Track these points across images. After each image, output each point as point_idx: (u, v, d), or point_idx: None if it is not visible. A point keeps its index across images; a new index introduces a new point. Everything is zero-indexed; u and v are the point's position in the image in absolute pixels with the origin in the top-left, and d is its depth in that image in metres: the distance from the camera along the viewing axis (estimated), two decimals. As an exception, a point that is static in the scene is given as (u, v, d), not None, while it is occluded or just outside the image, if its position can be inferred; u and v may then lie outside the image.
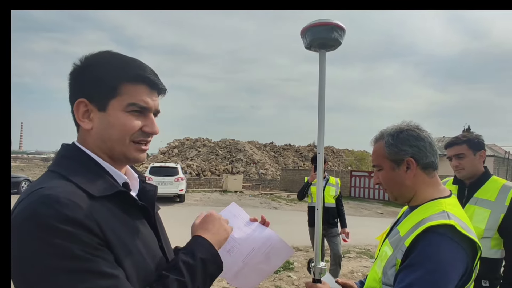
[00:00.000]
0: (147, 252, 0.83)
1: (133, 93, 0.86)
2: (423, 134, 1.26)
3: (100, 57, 0.88)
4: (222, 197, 18.58)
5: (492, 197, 2.25)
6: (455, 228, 1.09)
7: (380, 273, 1.23)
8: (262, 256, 1.13)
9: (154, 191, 0.96)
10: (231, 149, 36.93)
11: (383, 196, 21.15)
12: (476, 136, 2.40)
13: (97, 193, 0.78)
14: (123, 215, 0.82)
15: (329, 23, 1.29)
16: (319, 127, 1.40)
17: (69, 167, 0.81)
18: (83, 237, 0.70)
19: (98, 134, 0.86)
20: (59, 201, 0.70)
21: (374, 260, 1.43)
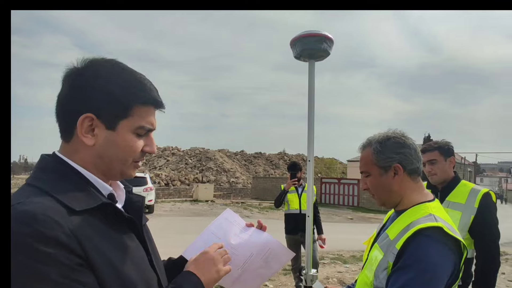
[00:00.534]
0: (135, 269, 0.78)
1: (143, 115, 0.83)
2: (408, 141, 1.32)
3: (113, 70, 0.83)
4: (193, 206, 18.25)
5: (463, 200, 2.39)
6: (443, 230, 1.14)
7: (371, 277, 1.25)
8: (261, 261, 1.13)
9: (141, 202, 0.92)
10: (201, 157, 36.51)
11: (352, 202, 21.74)
12: (446, 143, 2.53)
13: (78, 207, 0.72)
14: (108, 229, 0.77)
15: (318, 34, 1.33)
16: (309, 136, 1.43)
17: (49, 180, 0.76)
18: (61, 258, 0.65)
19: (99, 152, 0.81)
20: (36, 218, 0.65)
21: (363, 265, 1.46)
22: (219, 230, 1.15)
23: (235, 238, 1.13)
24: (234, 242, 1.12)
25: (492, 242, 2.32)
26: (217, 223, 1.18)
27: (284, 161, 41.20)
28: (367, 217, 17.01)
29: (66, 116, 0.81)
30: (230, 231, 1.14)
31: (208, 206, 18.66)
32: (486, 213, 2.31)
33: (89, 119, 0.79)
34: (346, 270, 6.72)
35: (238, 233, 1.15)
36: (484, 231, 2.30)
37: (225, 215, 1.21)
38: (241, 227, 1.18)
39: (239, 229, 1.17)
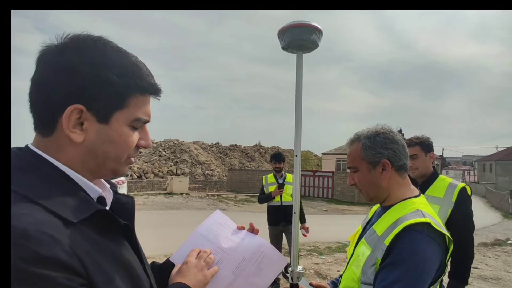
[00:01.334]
0: (133, 283, 0.71)
1: (140, 105, 0.72)
2: (397, 137, 1.32)
3: (105, 52, 0.69)
4: (167, 199, 17.96)
5: (441, 194, 2.46)
6: (431, 226, 1.16)
7: (358, 273, 1.25)
8: (253, 268, 1.06)
9: (131, 204, 0.81)
10: (176, 149, 35.93)
11: (326, 194, 22.21)
12: (426, 138, 2.59)
13: (73, 218, 0.61)
14: (103, 240, 0.67)
15: (308, 25, 1.28)
16: (296, 130, 1.39)
17: (32, 184, 0.62)
18: (62, 280, 0.55)
19: (90, 148, 0.69)
20: (28, 236, 0.54)
21: (348, 260, 1.45)
22: (209, 232, 1.08)
23: (226, 241, 1.07)
24: (225, 246, 1.06)
25: (468, 234, 2.41)
26: (206, 225, 1.10)
27: (259, 153, 41.38)
28: (341, 209, 17.44)
29: (47, 106, 0.67)
30: (221, 234, 1.08)
31: (183, 199, 18.43)
32: (462, 207, 2.39)
33: (77, 111, 0.66)
34: (322, 261, 6.84)
35: (229, 236, 1.09)
36: (460, 224, 2.38)
37: (214, 217, 1.14)
38: (232, 230, 1.12)
39: (230, 231, 1.11)
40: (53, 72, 0.66)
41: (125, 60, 0.71)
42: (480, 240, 9.83)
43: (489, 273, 6.25)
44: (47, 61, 0.68)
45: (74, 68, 0.66)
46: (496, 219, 17.03)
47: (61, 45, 0.68)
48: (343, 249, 7.94)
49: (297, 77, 1.38)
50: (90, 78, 0.66)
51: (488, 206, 25.09)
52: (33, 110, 0.69)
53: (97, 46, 0.69)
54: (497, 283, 5.73)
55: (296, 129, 1.38)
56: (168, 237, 7.35)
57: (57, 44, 0.68)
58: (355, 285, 1.26)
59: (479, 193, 33.54)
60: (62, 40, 0.69)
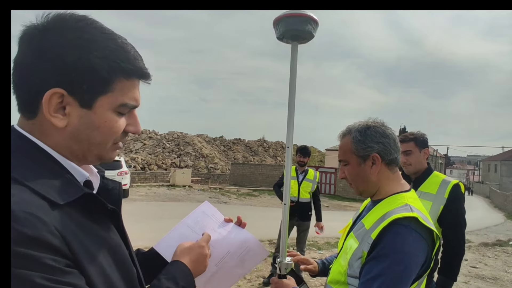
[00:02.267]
0: (119, 268, 0.70)
1: (126, 90, 0.69)
2: (388, 131, 1.31)
3: (89, 32, 0.66)
4: (170, 191, 18.06)
5: (434, 190, 2.45)
6: (417, 220, 1.15)
7: (345, 266, 1.25)
8: (237, 260, 1.07)
9: (118, 189, 0.80)
10: (179, 142, 36.03)
11: (329, 190, 22.20)
12: (421, 134, 2.58)
13: (60, 200, 0.61)
14: (90, 223, 0.66)
15: (303, 15, 1.26)
16: (289, 122, 1.38)
17: (17, 164, 0.62)
18: (47, 261, 0.55)
19: (73, 133, 0.67)
20: (14, 216, 0.54)
21: (337, 253, 1.45)
22: (196, 224, 1.07)
23: (212, 233, 1.06)
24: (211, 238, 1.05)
25: (459, 231, 2.41)
26: (193, 216, 1.10)
27: (263, 148, 41.38)
28: (342, 205, 17.44)
29: (27, 89, 0.65)
30: (208, 226, 1.07)
31: (185, 192, 18.53)
32: (455, 204, 2.39)
33: (58, 95, 0.64)
34: (320, 256, 6.86)
35: (216, 228, 1.08)
36: (452, 221, 2.37)
37: (202, 208, 1.13)
38: (219, 222, 1.11)
39: (217, 224, 1.10)
40: (33, 54, 0.65)
41: (109, 42, 0.68)
42: (482, 240, 9.79)
43: (487, 273, 6.23)
44: (27, 42, 0.66)
45: (55, 51, 0.64)
46: (499, 220, 16.95)
47: (42, 25, 0.66)
48: (342, 245, 7.96)
49: (291, 68, 1.37)
50: (71, 61, 0.64)
51: (492, 206, 24.93)
52: (15, 92, 0.68)
53: (79, 26, 0.66)
54: (495, 283, 5.72)
55: (288, 121, 1.38)
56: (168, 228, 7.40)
57: (38, 24, 0.66)
58: (341, 277, 1.26)
59: (483, 193, 33.34)
60: (44, 19, 0.66)
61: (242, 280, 5.19)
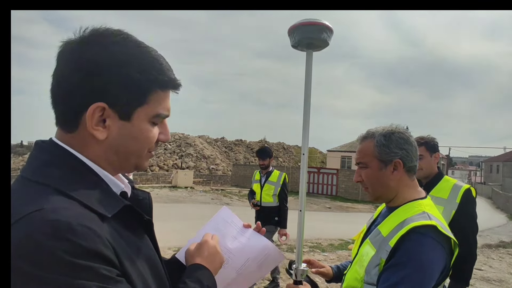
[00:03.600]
0: (155, 276, 0.73)
1: (160, 101, 0.72)
2: (411, 139, 1.31)
3: (127, 47, 0.69)
4: (172, 193, 18.07)
5: (445, 195, 2.45)
6: (436, 229, 1.15)
7: (362, 273, 1.25)
8: (255, 265, 1.09)
9: (148, 199, 0.83)
10: (181, 143, 36.05)
11: (330, 191, 22.18)
12: (431, 139, 2.57)
13: (108, 213, 0.64)
14: (130, 234, 0.69)
15: (318, 23, 1.27)
16: (304, 129, 1.39)
17: (63, 178, 0.64)
18: (103, 271, 0.58)
19: (113, 145, 0.70)
20: (72, 229, 0.56)
21: (352, 260, 1.46)
22: (216, 231, 1.08)
23: (232, 241, 1.07)
24: (231, 246, 1.06)
25: (471, 236, 2.40)
26: (213, 223, 1.11)
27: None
28: (344, 207, 17.41)
29: (70, 104, 0.67)
30: (228, 233, 1.08)
31: (187, 193, 18.54)
32: (466, 209, 2.38)
33: (100, 109, 0.66)
34: (324, 258, 6.86)
35: (235, 235, 1.09)
36: (463, 226, 2.36)
37: (221, 214, 1.14)
38: (238, 228, 1.12)
39: (237, 230, 1.11)
40: (74, 69, 0.66)
41: (145, 55, 0.70)
42: (485, 242, 9.77)
43: (493, 275, 6.22)
44: (67, 57, 0.68)
45: (96, 66, 0.66)
46: (502, 221, 16.90)
47: (81, 40, 0.68)
48: (345, 247, 7.94)
49: (306, 75, 1.38)
50: (111, 75, 0.66)
51: (494, 207, 24.87)
52: (55, 106, 0.70)
53: (117, 41, 0.69)
54: (500, 285, 5.71)
55: (304, 128, 1.39)
56: (171, 230, 7.41)
57: (76, 39, 0.68)
58: (358, 284, 1.27)
59: (485, 194, 33.26)
60: (82, 35, 0.68)
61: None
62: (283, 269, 5.82)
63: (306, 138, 1.38)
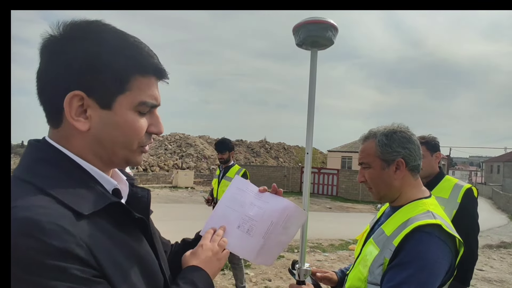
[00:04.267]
0: (145, 277, 0.70)
1: (144, 87, 0.70)
2: (414, 138, 1.30)
3: (101, 33, 0.67)
4: (172, 193, 18.07)
5: (446, 195, 2.44)
6: (441, 227, 1.14)
7: (365, 273, 1.24)
8: (280, 228, 1.08)
9: (147, 197, 0.80)
10: (181, 143, 36.06)
11: (331, 191, 22.17)
12: (432, 138, 2.57)
13: (85, 210, 0.61)
14: (117, 233, 0.67)
15: (323, 21, 1.27)
16: (308, 128, 1.38)
17: (48, 176, 0.63)
18: (74, 271, 0.56)
19: (97, 136, 0.68)
20: (42, 227, 0.54)
21: (355, 259, 1.45)
22: (234, 202, 1.07)
23: (252, 208, 1.06)
24: (252, 213, 1.05)
25: (472, 236, 2.40)
26: (229, 194, 1.09)
27: (265, 149, 41.35)
28: (345, 207, 17.40)
29: (49, 96, 0.67)
30: (245, 201, 1.07)
31: (188, 193, 18.54)
32: (467, 208, 2.38)
33: (78, 98, 0.65)
34: (325, 258, 6.85)
35: (253, 201, 1.07)
36: (464, 225, 2.35)
37: (235, 184, 1.12)
38: (254, 194, 1.09)
39: (254, 196, 1.09)
40: (50, 61, 0.66)
41: (122, 41, 0.69)
42: (486, 242, 9.75)
43: (494, 276, 6.20)
44: (44, 52, 0.67)
45: (70, 55, 0.65)
46: (502, 221, 16.87)
47: (58, 34, 0.67)
48: (346, 247, 7.93)
49: (311, 74, 1.38)
50: (86, 63, 0.65)
51: (495, 208, 24.85)
52: (41, 103, 0.69)
53: (91, 29, 0.67)
54: (501, 285, 5.69)
55: (308, 127, 1.38)
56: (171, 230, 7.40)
57: (55, 34, 0.68)
58: (361, 284, 1.25)
59: (485, 195, 33.23)
60: (58, 28, 0.68)
61: (248, 282, 5.19)
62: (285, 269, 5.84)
63: (310, 138, 1.37)
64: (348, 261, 6.73)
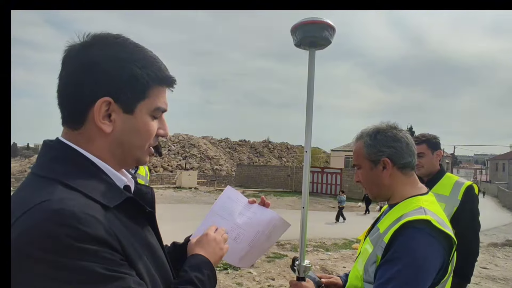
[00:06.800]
0: (158, 265, 0.77)
1: (158, 95, 0.78)
2: (400, 135, 1.29)
3: (127, 47, 0.75)
4: (176, 193, 18.14)
5: (447, 192, 2.44)
6: (431, 223, 1.12)
7: (361, 271, 1.24)
8: (265, 237, 1.15)
9: (151, 193, 0.88)
10: (185, 144, 36.18)
11: (335, 191, 22.13)
12: (433, 136, 2.57)
13: (110, 204, 0.68)
14: (133, 225, 0.74)
15: (320, 22, 1.28)
16: (307, 126, 1.40)
17: (68, 172, 0.69)
18: (106, 254, 0.62)
19: (118, 138, 0.75)
20: (76, 217, 0.60)
21: (356, 258, 1.46)
22: (224, 210, 1.14)
23: (240, 217, 1.13)
24: (240, 222, 1.12)
25: (473, 233, 2.40)
26: (220, 202, 1.16)
27: (268, 149, 41.38)
28: (349, 206, 17.37)
29: (77, 102, 0.72)
30: (235, 210, 1.14)
31: (191, 193, 18.60)
32: (468, 205, 2.37)
33: (106, 103, 0.72)
34: (328, 257, 6.86)
35: (242, 211, 1.15)
36: (465, 222, 2.36)
37: (227, 193, 1.19)
38: (244, 205, 1.17)
39: (243, 207, 1.16)
40: (80, 69, 0.72)
41: (143, 54, 0.77)
42: (490, 240, 9.72)
43: (498, 274, 6.18)
44: (73, 59, 0.73)
45: (100, 64, 0.71)
46: (508, 219, 16.74)
47: (84, 43, 0.74)
48: (349, 246, 7.93)
49: (309, 74, 1.39)
50: (116, 72, 0.72)
51: (500, 206, 24.69)
52: (62, 106, 0.74)
53: (118, 42, 0.75)
54: (506, 283, 5.67)
55: (307, 126, 1.40)
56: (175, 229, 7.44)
57: (80, 42, 0.74)
58: (358, 283, 1.25)
59: (491, 193, 33.00)
60: (85, 38, 0.74)
61: (252, 281, 5.22)
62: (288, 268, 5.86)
63: (309, 136, 1.39)
64: (352, 260, 6.73)
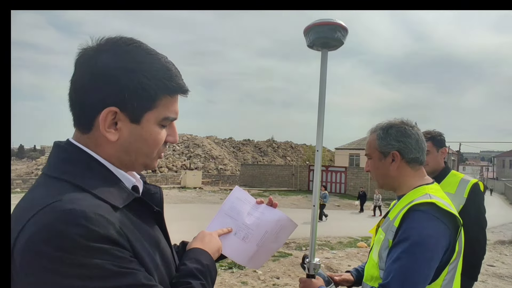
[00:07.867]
0: (165, 264, 0.79)
1: (168, 105, 0.77)
2: (411, 131, 1.36)
3: (138, 55, 0.74)
4: (181, 193, 18.21)
5: (452, 190, 2.44)
6: (435, 205, 1.20)
7: (376, 259, 1.30)
8: (273, 237, 1.17)
9: (160, 193, 0.89)
10: (189, 144, 36.28)
11: (339, 189, 22.11)
12: (438, 133, 2.56)
13: (119, 204, 0.70)
14: (142, 224, 0.76)
15: (332, 23, 1.31)
16: (318, 126, 1.42)
17: (78, 174, 0.71)
18: (116, 252, 0.64)
19: (124, 146, 0.76)
20: (87, 217, 0.62)
21: (369, 251, 1.49)
22: (232, 210, 1.16)
23: (249, 217, 1.15)
24: (248, 222, 1.14)
25: (479, 231, 2.39)
26: (229, 203, 1.18)
27: (272, 148, 41.39)
28: (354, 204, 17.33)
29: (84, 107, 0.73)
30: (243, 211, 1.16)
31: (196, 193, 18.66)
32: (474, 203, 2.37)
33: (112, 113, 0.72)
34: (333, 256, 6.87)
35: (251, 211, 1.17)
36: (471, 220, 2.35)
37: (235, 193, 1.21)
38: (252, 205, 1.19)
39: (251, 207, 1.19)
40: (90, 75, 0.72)
41: (155, 62, 0.76)
42: (498, 238, 9.66)
43: (505, 271, 6.16)
44: (84, 64, 0.74)
45: (109, 73, 0.71)
46: (515, 217, 16.63)
47: (97, 48, 0.74)
48: (354, 244, 7.93)
49: (321, 74, 1.42)
50: (124, 82, 0.71)
51: (507, 203, 24.46)
52: (72, 109, 0.76)
53: (130, 50, 0.74)
54: (514, 281, 5.65)
55: (318, 126, 1.43)
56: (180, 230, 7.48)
57: (93, 47, 0.74)
58: (375, 272, 1.31)
59: (497, 190, 32.73)
60: (98, 43, 0.74)
61: (256, 280, 5.24)
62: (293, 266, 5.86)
63: (321, 136, 1.41)
64: (357, 258, 6.74)
